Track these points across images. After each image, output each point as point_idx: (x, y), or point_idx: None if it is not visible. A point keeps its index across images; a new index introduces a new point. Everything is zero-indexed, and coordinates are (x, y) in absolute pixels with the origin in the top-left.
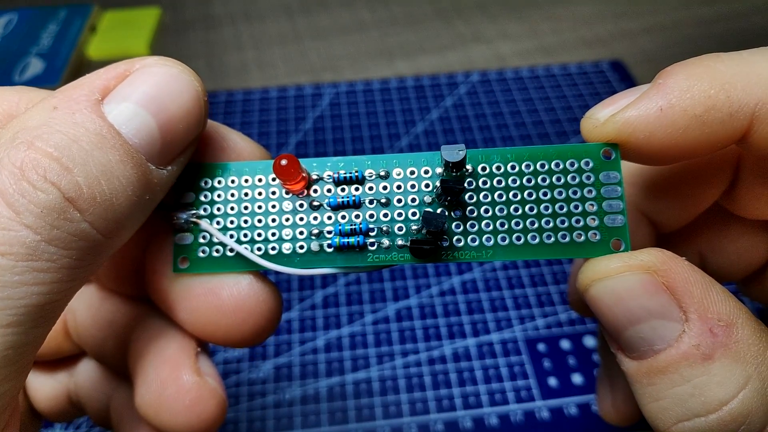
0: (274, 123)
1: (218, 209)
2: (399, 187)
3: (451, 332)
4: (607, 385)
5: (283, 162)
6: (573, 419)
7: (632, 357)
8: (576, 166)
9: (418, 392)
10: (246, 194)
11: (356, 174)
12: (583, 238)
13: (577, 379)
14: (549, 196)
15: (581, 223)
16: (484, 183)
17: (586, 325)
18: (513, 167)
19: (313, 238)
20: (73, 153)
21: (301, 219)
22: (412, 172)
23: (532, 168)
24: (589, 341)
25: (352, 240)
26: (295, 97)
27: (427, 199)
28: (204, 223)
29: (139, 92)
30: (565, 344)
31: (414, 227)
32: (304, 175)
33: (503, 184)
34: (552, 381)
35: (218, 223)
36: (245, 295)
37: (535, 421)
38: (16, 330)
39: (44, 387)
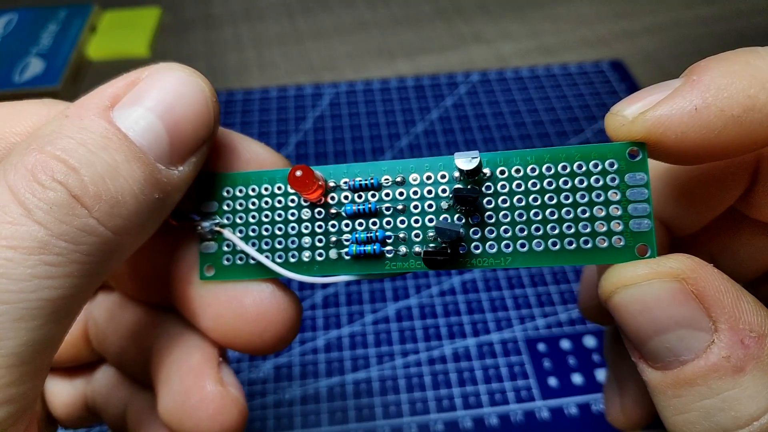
0: (274, 123)
1: (240, 218)
2: (416, 193)
3: (451, 332)
4: (616, 389)
5: (298, 173)
6: (573, 419)
7: (656, 367)
8: (600, 167)
9: (418, 392)
10: (266, 203)
11: (372, 181)
12: (606, 243)
13: (577, 379)
14: (571, 199)
15: (605, 228)
16: (503, 187)
17: (586, 325)
18: (533, 170)
19: (332, 245)
20: (80, 154)
21: (320, 227)
22: (429, 177)
23: (553, 170)
24: (589, 341)
25: (368, 248)
26: (295, 97)
27: (444, 205)
28: (227, 233)
29: (147, 96)
30: (565, 344)
31: (431, 234)
32: (320, 183)
33: (523, 187)
34: (552, 381)
35: (240, 231)
36: (267, 304)
37: (535, 421)
38: (29, 325)
39: (62, 393)
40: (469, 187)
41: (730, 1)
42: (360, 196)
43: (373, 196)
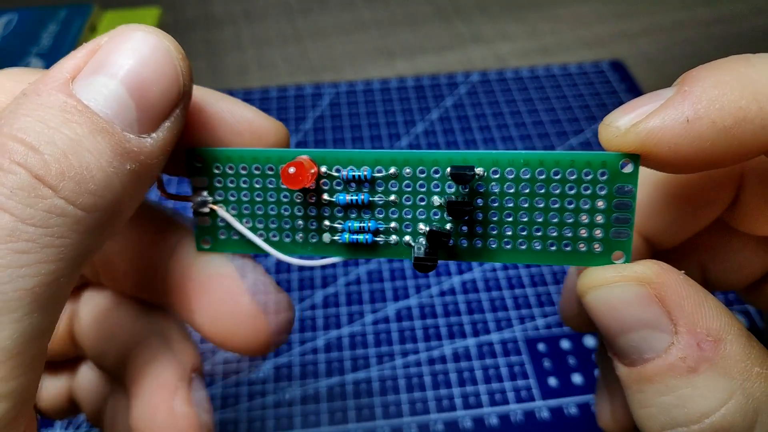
0: None
1: (232, 195)
2: (408, 186)
3: (451, 332)
4: (606, 394)
5: (291, 170)
6: (573, 419)
7: (625, 363)
8: (591, 176)
9: (418, 392)
10: (258, 183)
11: (365, 174)
12: (585, 248)
13: (577, 379)
14: (559, 204)
15: (586, 234)
16: (494, 187)
17: None
18: (525, 173)
19: (325, 229)
20: (38, 132)
21: (312, 211)
22: (422, 171)
23: (545, 175)
24: (589, 341)
25: (360, 238)
26: (295, 97)
27: (437, 200)
28: (220, 210)
29: (108, 63)
30: (565, 344)
31: (422, 228)
32: (312, 171)
33: (513, 189)
34: (552, 381)
35: (234, 208)
36: (264, 305)
37: (535, 421)
38: (10, 318)
39: (47, 386)
40: (462, 200)
41: (729, 3)
42: (353, 186)
43: (366, 187)
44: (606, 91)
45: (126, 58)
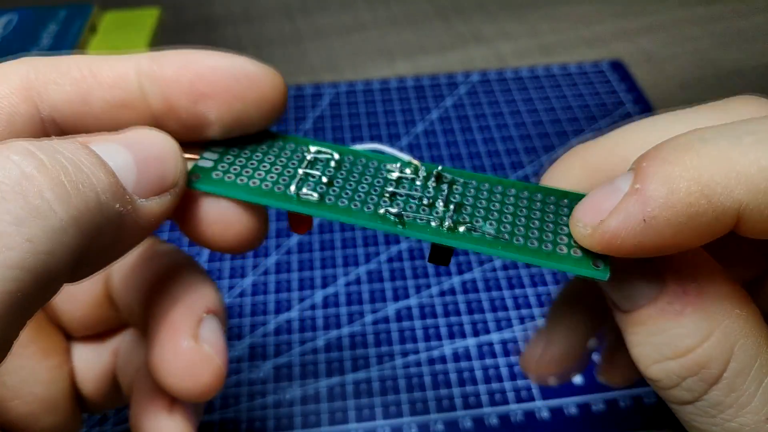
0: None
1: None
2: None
3: (451, 332)
4: (542, 342)
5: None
6: (573, 419)
7: (622, 311)
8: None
9: (418, 392)
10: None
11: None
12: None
13: (577, 379)
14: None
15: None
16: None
17: None
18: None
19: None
20: (42, 144)
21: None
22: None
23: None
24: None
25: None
26: (295, 97)
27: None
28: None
29: (119, 136)
30: None
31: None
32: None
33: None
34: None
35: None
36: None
37: (535, 421)
38: None
39: (90, 366)
40: (446, 247)
41: (729, 1)
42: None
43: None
44: (606, 90)
45: (136, 134)
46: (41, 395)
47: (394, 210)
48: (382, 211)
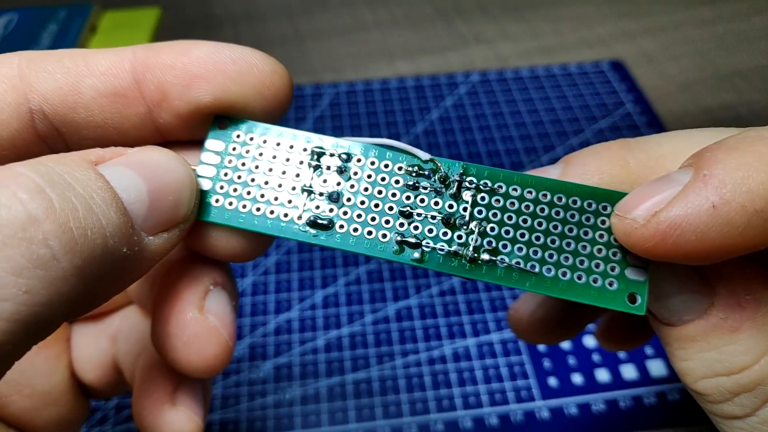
0: None
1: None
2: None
3: (451, 332)
4: (533, 302)
5: None
6: (573, 419)
7: (664, 324)
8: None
9: (418, 392)
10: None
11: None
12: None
13: (577, 379)
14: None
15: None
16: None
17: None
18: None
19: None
20: (52, 176)
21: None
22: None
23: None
24: (590, 341)
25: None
26: (296, 97)
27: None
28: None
29: (131, 160)
30: (565, 344)
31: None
32: None
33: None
34: (552, 381)
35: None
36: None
37: (535, 421)
38: None
39: (90, 353)
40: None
41: (730, 2)
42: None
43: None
44: (606, 91)
45: (152, 159)
46: (41, 388)
47: (412, 240)
48: (398, 238)
